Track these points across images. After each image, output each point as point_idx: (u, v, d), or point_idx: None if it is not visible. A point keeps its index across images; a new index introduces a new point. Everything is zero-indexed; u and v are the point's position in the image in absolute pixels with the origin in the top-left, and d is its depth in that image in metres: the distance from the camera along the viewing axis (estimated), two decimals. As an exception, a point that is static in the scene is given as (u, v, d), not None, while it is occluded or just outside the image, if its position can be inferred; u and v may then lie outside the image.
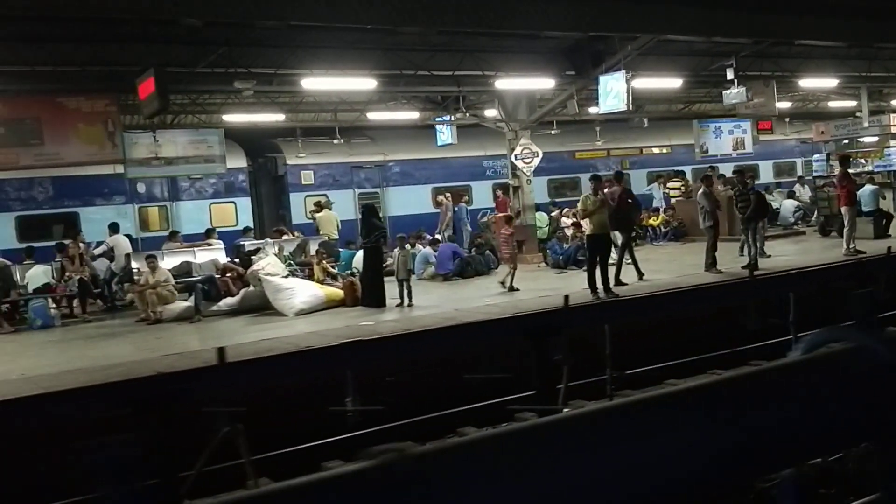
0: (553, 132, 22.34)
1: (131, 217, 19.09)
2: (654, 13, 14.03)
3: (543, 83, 15.99)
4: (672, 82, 17.82)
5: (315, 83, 13.73)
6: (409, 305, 12.76)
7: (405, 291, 12.87)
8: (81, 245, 14.65)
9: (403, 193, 23.13)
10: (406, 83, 15.19)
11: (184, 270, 14.39)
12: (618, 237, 13.42)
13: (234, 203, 20.60)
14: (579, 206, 12.69)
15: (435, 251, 16.36)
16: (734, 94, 16.78)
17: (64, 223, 18.37)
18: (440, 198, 21.25)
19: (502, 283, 13.68)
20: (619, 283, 12.42)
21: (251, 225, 19.95)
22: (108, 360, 9.73)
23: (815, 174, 25.56)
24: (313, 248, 15.97)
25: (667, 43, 15.76)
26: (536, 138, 19.09)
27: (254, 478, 5.03)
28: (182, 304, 13.17)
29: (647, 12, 13.94)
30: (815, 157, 26.58)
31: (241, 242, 16.16)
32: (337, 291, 13.37)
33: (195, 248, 15.47)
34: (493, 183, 24.39)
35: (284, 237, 16.62)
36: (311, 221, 20.30)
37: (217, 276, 14.01)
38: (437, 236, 18.86)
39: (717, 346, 8.22)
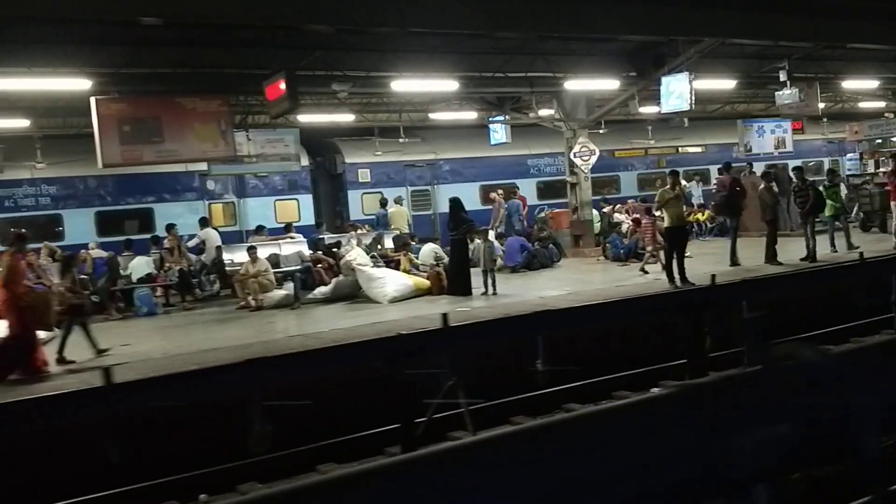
0: (602, 131, 23.09)
1: (202, 213, 19.89)
2: (717, 18, 14.82)
3: (609, 84, 16.79)
4: (726, 83, 18.59)
5: (403, 85, 14.54)
6: (494, 294, 13.56)
7: (489, 281, 13.68)
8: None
9: (452, 190, 23.87)
10: (484, 84, 15.99)
11: (272, 262, 15.20)
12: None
13: (296, 200, 21.41)
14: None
15: (502, 245, 17.16)
16: (786, 94, 17.57)
17: (140, 218, 19.26)
18: (492, 195, 22.06)
19: (642, 268, 14.85)
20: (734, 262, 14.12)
21: (313, 220, 20.87)
22: (237, 340, 10.57)
23: (848, 173, 26.43)
24: (387, 241, 16.84)
25: (721, 46, 16.55)
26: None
27: (472, 425, 5.84)
28: (280, 293, 13.98)
29: (711, 17, 14.73)
30: (849, 156, 27.46)
31: (321, 236, 16.97)
32: (423, 281, 14.17)
33: (280, 241, 16.28)
34: (537, 181, 25.35)
35: (359, 231, 17.41)
36: (367, 217, 21.21)
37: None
38: (491, 232, 19.66)
39: (829, 324, 9.12)
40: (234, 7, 10.58)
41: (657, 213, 14.46)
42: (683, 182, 25.00)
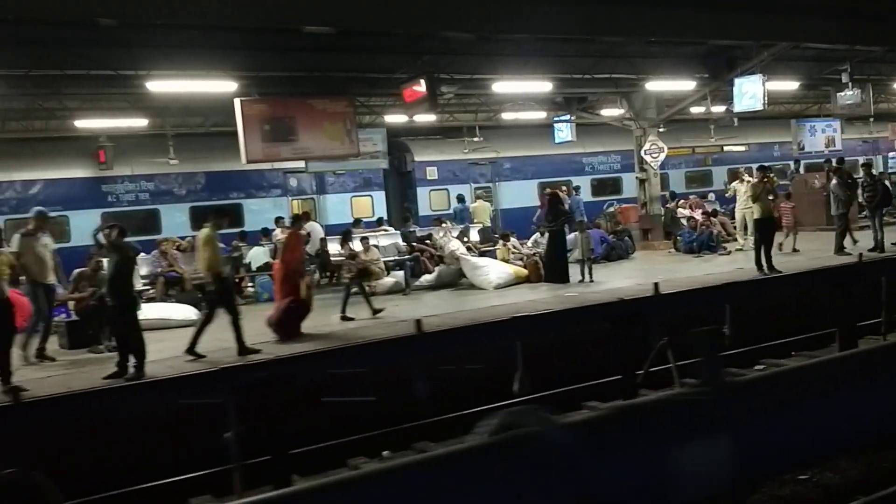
0: (661, 130, 23.99)
1: (286, 208, 20.93)
2: (790, 23, 15.81)
3: (685, 85, 17.77)
4: (790, 85, 19.56)
5: (504, 87, 15.55)
6: (591, 281, 14.55)
7: (586, 269, 14.68)
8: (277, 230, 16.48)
9: (512, 187, 24.92)
10: (574, 85, 17.00)
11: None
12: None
13: (371, 196, 22.46)
14: (750, 192, 14.39)
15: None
16: (848, 95, 18.54)
17: (229, 213, 20.26)
18: (555, 191, 23.01)
19: (780, 245, 15.96)
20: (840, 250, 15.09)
21: (385, 215, 21.93)
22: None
23: (890, 171, 27.45)
24: (474, 234, 17.84)
25: (788, 49, 17.52)
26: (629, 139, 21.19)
27: (678, 379, 6.83)
28: (390, 280, 14.99)
29: (785, 22, 15.72)
30: (892, 154, 28.45)
31: (411, 229, 17.98)
32: (522, 269, 15.17)
33: (377, 234, 17.29)
34: (591, 178, 26.35)
35: (444, 225, 18.41)
36: (434, 213, 22.24)
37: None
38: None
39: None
40: (367, 16, 11.65)
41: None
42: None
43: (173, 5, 10.25)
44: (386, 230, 17.77)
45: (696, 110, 20.64)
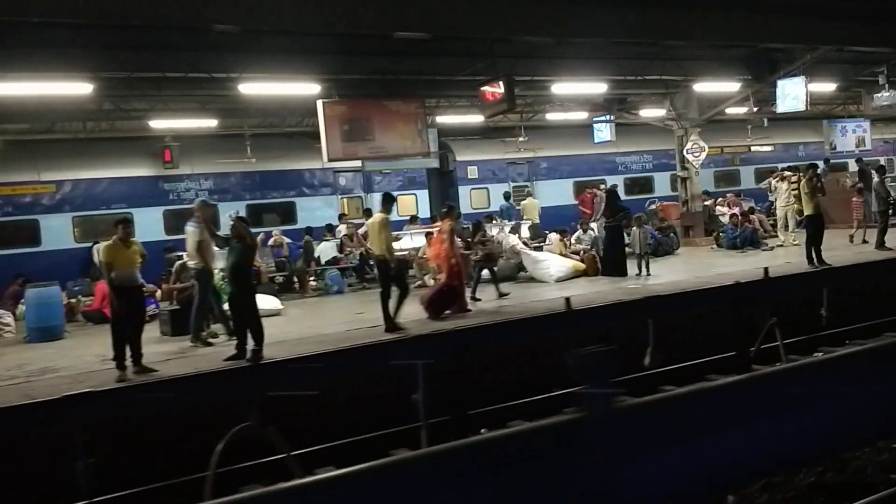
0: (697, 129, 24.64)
1: (335, 206, 21.61)
2: (834, 29, 16.47)
3: (730, 86, 18.43)
4: (828, 86, 20.20)
5: (562, 88, 16.22)
6: (648, 275, 15.19)
7: (643, 264, 15.32)
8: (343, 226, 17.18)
9: (549, 186, 25.57)
10: (627, 86, 17.67)
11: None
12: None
13: (415, 195, 23.12)
14: (804, 189, 15.00)
15: (628, 234, 18.78)
16: (885, 97, 19.18)
17: (284, 211, 21.01)
18: (594, 190, 23.66)
19: (851, 237, 17.16)
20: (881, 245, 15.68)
21: (429, 213, 22.59)
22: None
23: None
24: (524, 230, 18.50)
25: (829, 52, 18.18)
26: (665, 139, 21.96)
27: (784, 357, 7.48)
28: (453, 274, 15.62)
29: (829, 28, 16.38)
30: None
31: (464, 225, 18.62)
32: (579, 264, 15.81)
33: (431, 229, 17.93)
34: (624, 177, 27.00)
35: (493, 222, 19.07)
36: (475, 211, 22.92)
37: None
38: (593, 225, 21.30)
39: None
40: (452, 23, 12.33)
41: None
42: (770, 179, 27.00)
43: (280, 12, 10.93)
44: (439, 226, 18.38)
45: (730, 111, 21.24)
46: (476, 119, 20.25)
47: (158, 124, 17.13)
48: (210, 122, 17.72)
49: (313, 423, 7.41)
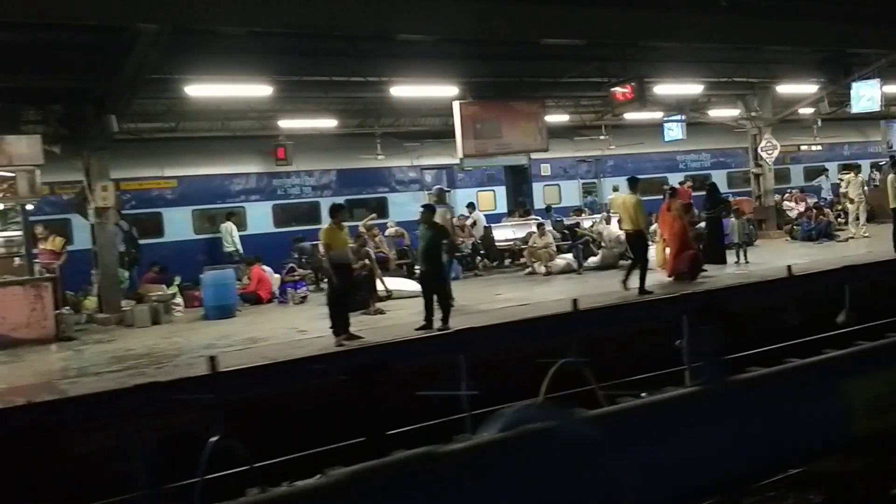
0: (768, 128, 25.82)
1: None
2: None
3: (808, 88, 19.67)
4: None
5: (665, 89, 17.48)
6: (746, 263, 16.41)
7: (741, 252, 16.55)
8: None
9: (614, 182, 26.83)
10: (720, 88, 18.92)
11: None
12: None
13: (493, 191, 24.40)
14: (891, 184, 16.18)
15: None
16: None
17: (377, 205, 22.29)
18: (665, 187, 24.94)
19: None
20: None
21: (506, 209, 23.87)
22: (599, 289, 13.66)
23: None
24: (613, 223, 19.71)
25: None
26: (720, 138, 23.24)
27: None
28: (562, 262, 16.90)
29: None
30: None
31: (559, 218, 19.93)
32: (680, 252, 17.04)
33: (529, 221, 19.23)
34: (684, 174, 28.21)
35: (583, 215, 20.36)
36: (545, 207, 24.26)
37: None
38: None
39: None
40: (585, 29, 13.63)
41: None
42: (821, 177, 28.41)
43: (432, 21, 12.23)
44: (536, 219, 19.68)
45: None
46: (561, 118, 21.47)
47: (286, 124, 18.39)
48: (330, 122, 18.96)
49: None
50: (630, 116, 24.20)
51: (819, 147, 31.43)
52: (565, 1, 13.04)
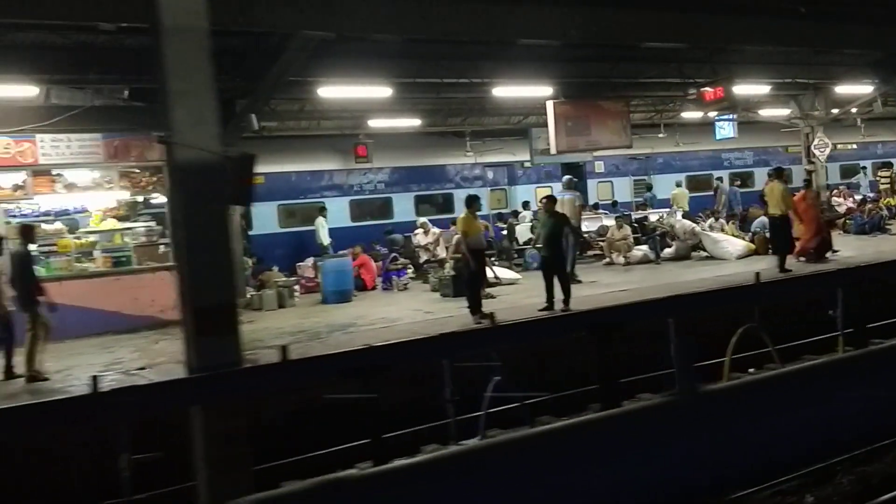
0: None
1: (485, 197, 23.85)
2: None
3: (864, 89, 20.62)
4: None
5: (738, 89, 18.42)
6: (835, 251, 17.32)
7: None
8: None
9: (663, 180, 27.80)
10: (784, 88, 19.89)
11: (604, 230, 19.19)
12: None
13: (549, 187, 25.34)
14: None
15: (734, 225, 20.98)
16: None
17: (444, 201, 23.32)
18: (715, 182, 26.00)
19: None
20: None
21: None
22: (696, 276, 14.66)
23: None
24: (678, 216, 20.72)
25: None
26: (761, 136, 24.20)
27: None
28: (639, 253, 17.88)
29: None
30: None
31: (626, 213, 20.92)
32: (750, 244, 18.02)
33: (599, 215, 20.24)
34: (729, 172, 29.21)
35: (647, 209, 21.37)
36: (600, 201, 25.31)
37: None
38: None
39: None
40: (675, 33, 14.59)
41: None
42: (860, 174, 29.45)
43: (542, 28, 13.19)
44: (606, 213, 20.71)
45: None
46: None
47: (375, 123, 19.39)
48: (415, 122, 19.96)
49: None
50: (686, 115, 25.31)
51: (854, 146, 32.54)
52: (660, 8, 13.97)
